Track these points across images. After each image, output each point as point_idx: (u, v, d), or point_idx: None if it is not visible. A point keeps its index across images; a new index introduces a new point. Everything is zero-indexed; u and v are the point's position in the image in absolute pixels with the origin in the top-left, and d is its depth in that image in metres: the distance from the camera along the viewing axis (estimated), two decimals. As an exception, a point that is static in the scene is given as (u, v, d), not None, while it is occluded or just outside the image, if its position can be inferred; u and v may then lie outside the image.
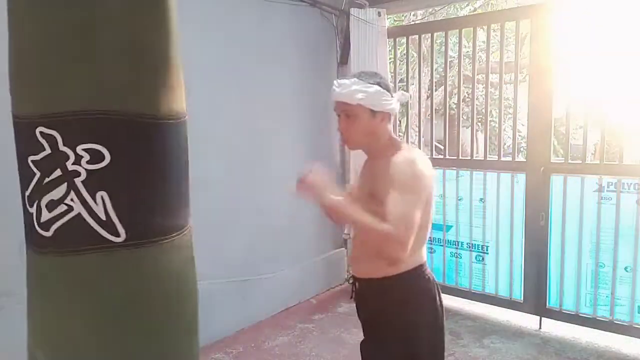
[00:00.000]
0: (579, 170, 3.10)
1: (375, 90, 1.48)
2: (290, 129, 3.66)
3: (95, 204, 0.85)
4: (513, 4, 6.81)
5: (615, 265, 2.99)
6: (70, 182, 0.84)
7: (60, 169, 0.84)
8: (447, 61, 3.86)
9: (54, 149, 0.83)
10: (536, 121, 3.24)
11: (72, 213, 0.84)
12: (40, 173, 0.85)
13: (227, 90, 3.13)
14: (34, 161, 0.84)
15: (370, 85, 1.48)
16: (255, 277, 3.35)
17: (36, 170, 0.85)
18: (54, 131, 0.83)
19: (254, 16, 3.26)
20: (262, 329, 3.31)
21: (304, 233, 3.79)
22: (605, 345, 3.04)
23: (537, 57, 3.19)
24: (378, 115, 1.51)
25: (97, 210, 0.85)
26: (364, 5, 3.68)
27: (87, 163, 0.84)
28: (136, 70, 0.89)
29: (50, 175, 0.84)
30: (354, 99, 1.48)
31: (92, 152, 0.84)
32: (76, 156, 0.83)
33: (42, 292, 0.90)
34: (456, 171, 3.55)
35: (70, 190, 0.84)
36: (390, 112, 1.53)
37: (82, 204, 0.84)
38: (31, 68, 0.85)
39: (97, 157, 0.84)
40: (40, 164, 0.84)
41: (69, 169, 0.83)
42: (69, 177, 0.84)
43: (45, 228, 0.86)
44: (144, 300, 0.93)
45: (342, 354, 3.02)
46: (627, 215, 2.94)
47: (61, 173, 0.84)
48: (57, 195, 0.84)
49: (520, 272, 3.38)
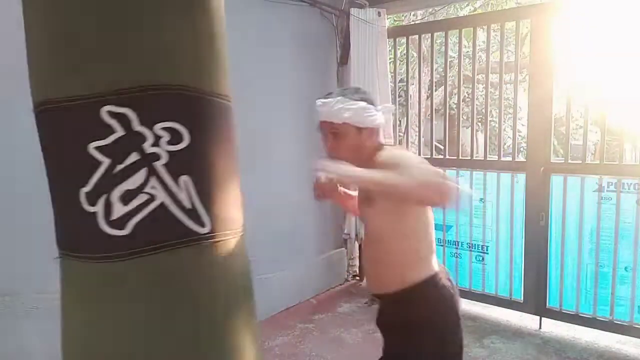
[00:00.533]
0: (579, 170, 3.10)
1: (360, 107, 1.47)
2: (290, 129, 3.66)
3: (180, 190, 0.75)
4: (513, 4, 6.82)
5: (615, 265, 2.99)
6: (151, 166, 0.73)
7: (138, 152, 0.73)
8: (447, 61, 3.86)
9: (127, 129, 0.72)
10: (536, 121, 3.24)
11: (154, 203, 0.73)
12: (110, 160, 0.72)
13: (227, 90, 3.13)
14: (99, 147, 0.71)
15: (355, 102, 1.47)
16: (255, 277, 3.34)
17: (103, 157, 0.72)
18: (127, 109, 0.72)
19: (254, 16, 3.26)
20: (262, 329, 3.30)
21: (304, 233, 3.79)
22: (605, 345, 3.04)
23: (537, 57, 3.19)
24: (365, 131, 1.49)
25: (182, 197, 0.75)
26: (364, 5, 3.68)
27: (167, 144, 0.74)
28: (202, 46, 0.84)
29: (124, 162, 0.72)
30: (340, 118, 1.46)
31: (171, 132, 0.74)
32: (155, 137, 0.73)
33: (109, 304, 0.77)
34: (456, 171, 3.55)
35: (150, 177, 0.73)
36: (376, 127, 1.51)
37: (166, 191, 0.74)
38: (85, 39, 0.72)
39: (177, 137, 0.75)
40: (109, 150, 0.72)
41: (147, 151, 0.73)
42: (149, 161, 0.73)
43: (120, 225, 0.73)
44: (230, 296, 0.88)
45: (342, 354, 3.02)
46: (627, 215, 2.94)
47: (139, 157, 0.73)
48: (135, 183, 0.73)
49: (520, 272, 3.38)
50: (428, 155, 4.00)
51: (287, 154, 3.63)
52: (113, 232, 0.73)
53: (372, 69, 3.65)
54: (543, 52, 3.14)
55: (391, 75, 3.94)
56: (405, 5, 3.93)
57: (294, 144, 3.68)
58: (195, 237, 0.77)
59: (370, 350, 3.04)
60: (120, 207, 0.72)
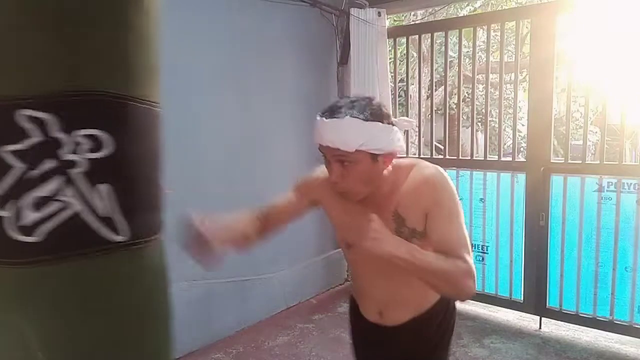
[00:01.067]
0: (579, 170, 3.10)
1: (378, 130, 1.13)
2: (290, 129, 3.66)
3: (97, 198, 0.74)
4: (513, 4, 6.82)
5: (615, 265, 2.99)
6: (66, 174, 0.72)
7: (54, 159, 0.70)
8: (447, 61, 3.86)
9: (44, 135, 0.70)
10: (536, 121, 3.24)
11: (68, 211, 0.71)
12: (24, 165, 0.69)
13: (227, 90, 3.13)
14: (13, 151, 0.69)
15: (370, 122, 1.12)
16: (255, 277, 3.35)
17: (17, 162, 0.69)
18: (45, 114, 0.69)
19: (254, 16, 3.26)
20: (262, 329, 3.31)
21: (304, 233, 3.79)
22: (605, 345, 3.04)
23: (537, 57, 3.19)
24: (381, 158, 1.17)
25: (98, 205, 0.74)
26: (364, 5, 3.68)
27: (87, 152, 0.72)
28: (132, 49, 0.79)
29: (38, 167, 0.70)
30: (351, 146, 1.12)
31: (92, 139, 0.73)
32: (75, 143, 0.71)
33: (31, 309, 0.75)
34: (456, 171, 3.55)
35: (66, 184, 0.71)
36: (396, 150, 1.19)
37: (82, 200, 0.72)
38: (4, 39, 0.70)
39: (98, 145, 0.73)
40: (23, 155, 0.69)
41: (64, 158, 0.71)
42: (65, 169, 0.71)
43: (29, 232, 0.70)
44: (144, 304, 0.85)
45: (342, 354, 3.01)
46: (627, 215, 2.94)
47: (56, 164, 0.70)
48: (49, 190, 0.71)
49: (520, 272, 3.38)
50: (428, 155, 4.00)
51: (287, 154, 3.63)
52: (22, 238, 0.70)
53: (372, 69, 3.65)
54: (543, 52, 3.14)
55: (391, 75, 3.94)
56: (405, 5, 3.93)
57: (294, 143, 3.68)
58: (109, 246, 0.75)
59: (370, 350, 3.05)
60: (31, 213, 0.70)
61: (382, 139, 1.14)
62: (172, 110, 3.02)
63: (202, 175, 2.98)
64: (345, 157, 1.15)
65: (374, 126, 1.13)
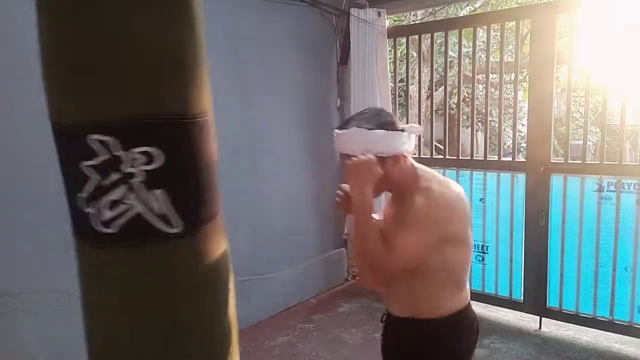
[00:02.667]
0: (579, 170, 3.10)
1: (381, 135, 1.33)
2: (291, 129, 3.66)
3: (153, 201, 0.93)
4: (513, 3, 6.82)
5: (615, 265, 2.99)
6: (128, 183, 0.91)
7: (118, 172, 0.91)
8: (447, 61, 3.86)
9: (109, 153, 0.89)
10: (536, 121, 3.24)
11: (133, 211, 0.92)
12: (98, 176, 0.90)
13: (227, 90, 3.13)
14: (89, 166, 0.90)
15: (373, 130, 1.32)
16: (255, 277, 3.35)
17: (92, 173, 0.90)
18: (109, 137, 0.89)
19: (255, 16, 3.26)
20: (262, 329, 3.31)
21: (304, 233, 3.79)
22: (605, 345, 3.04)
23: (537, 57, 3.19)
24: (388, 160, 1.35)
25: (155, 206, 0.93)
26: (364, 5, 3.68)
27: (142, 165, 0.91)
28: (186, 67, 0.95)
29: (108, 178, 0.90)
30: (357, 150, 1.34)
31: (146, 154, 0.91)
32: (132, 159, 0.90)
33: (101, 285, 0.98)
34: (456, 171, 3.55)
35: (129, 191, 0.91)
36: (400, 153, 1.37)
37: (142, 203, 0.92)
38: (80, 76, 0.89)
39: (150, 159, 0.92)
40: (96, 168, 0.90)
41: (125, 171, 0.91)
42: (127, 179, 0.91)
43: (109, 226, 0.92)
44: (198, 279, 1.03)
45: (342, 354, 3.02)
46: (627, 215, 2.94)
47: (120, 176, 0.91)
48: (117, 195, 0.91)
49: (520, 272, 3.38)
50: (428, 155, 4.01)
51: (288, 154, 3.63)
52: (104, 230, 0.92)
53: (372, 69, 3.65)
54: (543, 52, 3.14)
55: (391, 75, 3.94)
56: (405, 5, 3.93)
57: (294, 143, 3.69)
58: (165, 236, 0.95)
59: (370, 350, 3.04)
60: (108, 212, 0.91)
61: (385, 144, 1.34)
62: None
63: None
64: None
65: (377, 133, 1.33)
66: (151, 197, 0.92)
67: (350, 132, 1.35)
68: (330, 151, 4.03)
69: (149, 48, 0.89)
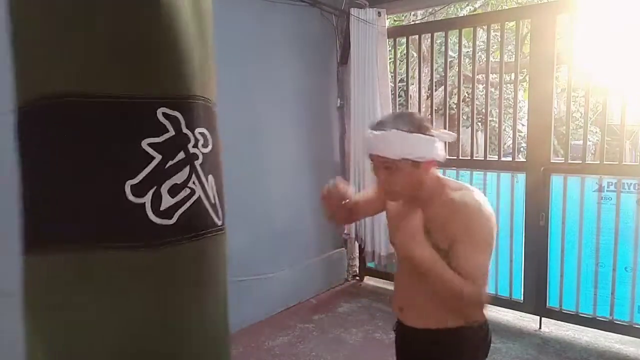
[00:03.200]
0: (579, 170, 3.10)
1: (418, 140, 1.30)
2: (291, 129, 3.66)
3: (208, 187, 0.87)
4: (513, 3, 6.82)
5: (615, 265, 2.99)
6: (192, 165, 0.84)
7: (184, 151, 0.83)
8: (447, 61, 3.86)
9: (177, 130, 0.82)
10: (536, 121, 3.24)
11: (194, 197, 0.84)
12: (161, 156, 0.80)
13: (227, 90, 3.12)
14: (152, 144, 0.79)
15: (413, 134, 1.29)
16: (255, 277, 3.35)
17: (155, 153, 0.80)
18: (178, 113, 0.82)
19: (254, 16, 3.26)
20: (262, 329, 3.31)
21: (304, 233, 3.79)
22: (605, 345, 3.04)
23: (537, 57, 3.19)
24: (422, 165, 1.33)
25: (210, 193, 0.87)
26: (364, 5, 3.68)
27: (202, 147, 0.86)
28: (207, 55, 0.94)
29: (174, 159, 0.82)
30: (396, 153, 1.30)
31: (203, 136, 0.87)
32: (195, 139, 0.84)
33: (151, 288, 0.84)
34: (456, 171, 3.55)
35: (192, 173, 0.84)
36: (435, 158, 1.35)
37: (201, 187, 0.86)
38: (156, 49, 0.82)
39: (207, 141, 0.88)
40: (161, 147, 0.80)
41: (190, 151, 0.84)
42: (191, 160, 0.84)
43: (167, 215, 0.81)
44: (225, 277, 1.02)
45: (342, 354, 3.02)
46: (627, 215, 2.94)
47: (184, 156, 0.83)
48: (181, 178, 0.83)
49: (520, 272, 3.38)
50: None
51: (288, 154, 3.63)
52: (160, 222, 0.80)
53: (372, 69, 3.65)
54: (543, 52, 3.14)
55: (391, 75, 3.94)
56: (405, 5, 3.93)
57: (294, 143, 3.69)
58: (216, 228, 0.89)
59: (370, 350, 3.05)
60: (169, 199, 0.80)
61: (423, 149, 1.31)
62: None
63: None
64: (391, 164, 1.32)
65: (416, 137, 1.30)
66: (207, 182, 0.87)
67: (389, 134, 1.30)
68: (330, 150, 4.03)
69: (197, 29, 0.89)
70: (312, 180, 3.81)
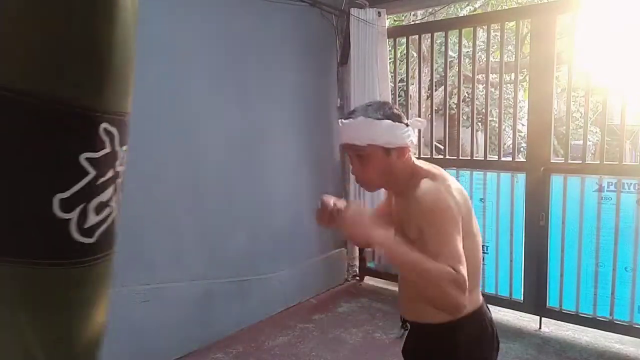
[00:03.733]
0: (579, 170, 3.10)
1: (386, 125, 1.32)
2: (291, 129, 3.66)
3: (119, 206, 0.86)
4: (513, 4, 6.82)
5: (615, 265, 2.99)
6: (115, 183, 0.83)
7: (113, 169, 0.81)
8: (447, 61, 3.86)
9: (112, 147, 0.79)
10: (536, 121, 3.24)
11: (112, 215, 0.82)
12: (95, 172, 0.77)
13: (227, 90, 3.13)
14: (89, 159, 0.75)
15: (379, 120, 1.32)
16: (255, 277, 3.35)
17: (91, 168, 0.76)
18: (115, 129, 0.79)
19: (254, 16, 3.26)
20: (262, 329, 3.31)
21: (304, 233, 3.79)
22: (605, 345, 3.04)
23: (537, 57, 3.19)
24: (393, 152, 1.34)
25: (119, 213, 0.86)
26: (364, 5, 3.68)
27: (123, 164, 0.84)
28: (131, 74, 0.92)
29: (105, 175, 0.79)
30: (364, 140, 1.32)
31: (125, 154, 0.84)
32: (121, 157, 0.83)
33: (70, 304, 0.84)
34: (456, 171, 3.55)
35: (114, 192, 0.82)
36: (406, 145, 1.35)
37: (118, 206, 0.84)
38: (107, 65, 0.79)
39: (125, 159, 0.85)
40: (96, 162, 0.77)
41: (117, 169, 0.82)
42: (115, 178, 0.82)
43: (89, 234, 0.78)
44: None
45: (342, 354, 3.01)
46: (627, 215, 2.94)
47: (112, 173, 0.81)
48: (106, 196, 0.80)
49: (520, 272, 3.37)
50: (428, 155, 4.00)
51: (288, 154, 3.63)
52: (82, 240, 0.76)
53: (372, 69, 3.65)
54: (543, 52, 3.14)
55: (391, 75, 3.94)
56: (405, 5, 3.93)
57: (294, 144, 3.69)
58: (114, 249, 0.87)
59: (370, 350, 3.05)
60: (94, 216, 0.77)
61: (391, 135, 1.32)
62: (172, 110, 3.01)
63: (202, 175, 2.98)
64: (361, 151, 1.34)
65: (383, 124, 1.32)
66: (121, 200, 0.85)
67: (356, 122, 1.33)
68: (330, 150, 4.03)
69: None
70: (312, 180, 3.81)
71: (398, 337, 1.57)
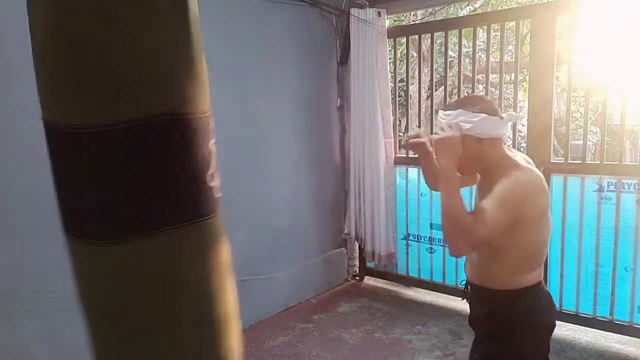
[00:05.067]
0: (579, 170, 3.10)
1: (482, 119, 1.49)
2: (291, 129, 3.66)
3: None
4: (513, 4, 6.82)
5: (615, 265, 2.99)
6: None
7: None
8: (447, 61, 3.86)
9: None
10: (536, 121, 3.24)
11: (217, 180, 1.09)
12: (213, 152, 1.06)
13: (227, 90, 3.13)
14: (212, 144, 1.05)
15: (476, 114, 1.49)
16: (255, 277, 3.35)
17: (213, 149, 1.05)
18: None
19: (254, 16, 3.26)
20: (262, 329, 3.31)
21: (304, 233, 3.79)
22: (605, 345, 3.04)
23: (537, 57, 3.19)
24: (486, 142, 1.52)
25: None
26: (364, 5, 3.68)
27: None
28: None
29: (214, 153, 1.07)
30: (461, 131, 1.49)
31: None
32: None
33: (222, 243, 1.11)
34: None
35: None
36: (498, 136, 1.53)
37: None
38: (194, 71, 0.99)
39: None
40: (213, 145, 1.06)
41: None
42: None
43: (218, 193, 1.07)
44: None
45: (342, 354, 3.01)
46: (627, 215, 2.94)
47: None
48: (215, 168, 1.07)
49: (520, 272, 3.37)
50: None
51: (287, 154, 3.63)
52: (219, 196, 1.06)
53: (372, 69, 3.65)
54: (543, 52, 3.14)
55: (391, 75, 3.94)
56: (405, 5, 3.93)
57: (294, 143, 3.69)
58: None
59: (370, 350, 3.05)
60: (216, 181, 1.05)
61: (485, 127, 1.49)
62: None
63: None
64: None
65: (478, 116, 1.49)
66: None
67: (456, 112, 1.50)
68: (330, 150, 4.03)
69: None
70: (312, 181, 3.81)
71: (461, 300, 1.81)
